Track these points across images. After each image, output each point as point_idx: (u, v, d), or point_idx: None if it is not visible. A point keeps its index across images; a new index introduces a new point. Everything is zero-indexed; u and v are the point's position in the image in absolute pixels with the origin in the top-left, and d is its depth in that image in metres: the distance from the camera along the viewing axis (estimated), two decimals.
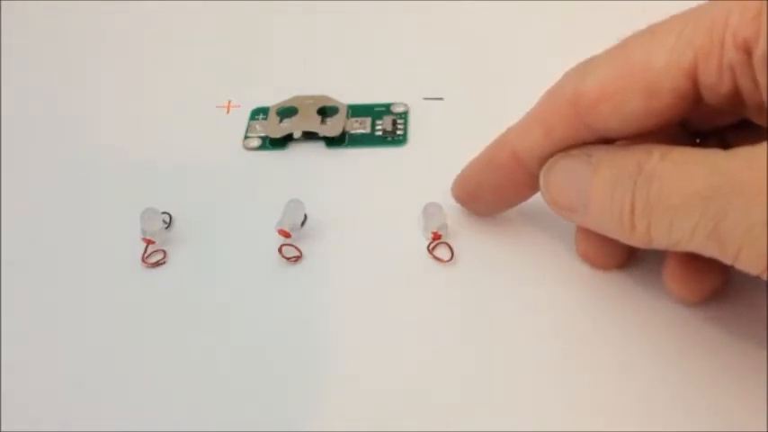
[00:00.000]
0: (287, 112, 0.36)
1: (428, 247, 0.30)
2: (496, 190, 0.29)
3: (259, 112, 0.37)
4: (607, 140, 0.26)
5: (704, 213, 0.22)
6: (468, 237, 0.31)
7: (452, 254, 0.30)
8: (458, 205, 0.31)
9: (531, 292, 0.29)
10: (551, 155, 0.27)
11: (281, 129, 0.35)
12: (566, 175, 0.26)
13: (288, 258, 0.30)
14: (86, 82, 0.39)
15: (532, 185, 0.28)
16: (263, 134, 0.36)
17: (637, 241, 0.25)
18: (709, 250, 0.23)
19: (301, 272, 0.30)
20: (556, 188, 0.27)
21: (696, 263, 0.26)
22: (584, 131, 0.26)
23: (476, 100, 0.36)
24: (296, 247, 0.30)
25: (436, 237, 0.30)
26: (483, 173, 0.29)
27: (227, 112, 0.37)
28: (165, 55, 0.41)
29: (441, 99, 0.37)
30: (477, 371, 0.27)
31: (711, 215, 0.22)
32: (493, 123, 0.29)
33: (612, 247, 0.28)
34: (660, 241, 0.24)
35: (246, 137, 0.36)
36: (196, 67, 0.40)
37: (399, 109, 0.36)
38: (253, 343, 0.28)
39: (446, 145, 0.34)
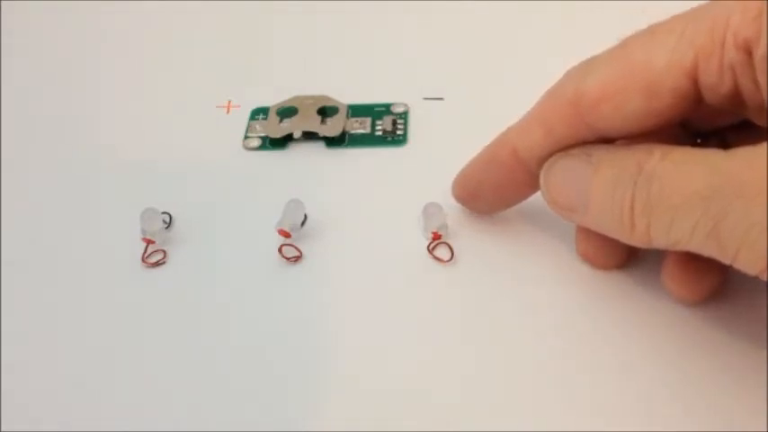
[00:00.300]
0: (287, 112, 0.36)
1: (428, 247, 0.30)
2: (497, 189, 0.29)
3: (259, 112, 0.37)
4: (607, 140, 0.26)
5: (704, 213, 0.22)
6: (468, 237, 0.31)
7: (452, 254, 0.30)
8: (458, 205, 0.31)
9: (531, 292, 0.29)
10: (551, 154, 0.27)
11: (281, 129, 0.35)
12: (566, 174, 0.26)
13: (288, 258, 0.30)
14: (86, 82, 0.39)
15: (532, 185, 0.28)
16: (263, 134, 0.36)
17: (636, 241, 0.25)
18: (708, 250, 0.23)
19: (301, 272, 0.30)
20: (556, 188, 0.27)
21: (695, 263, 0.26)
22: (585, 131, 0.26)
23: (476, 100, 0.36)
24: (296, 247, 0.30)
25: (436, 237, 0.30)
26: (483, 172, 0.29)
27: (227, 112, 0.37)
28: (165, 55, 0.41)
29: (441, 99, 0.37)
30: (477, 371, 0.27)
31: (711, 215, 0.22)
32: (493, 123, 0.29)
33: (612, 247, 0.28)
34: (660, 241, 0.24)
35: (246, 137, 0.36)
36: (196, 67, 0.40)
37: (399, 109, 0.36)
38: (253, 343, 0.28)
39: (446, 145, 0.34)
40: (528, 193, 0.29)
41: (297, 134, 0.35)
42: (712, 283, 0.27)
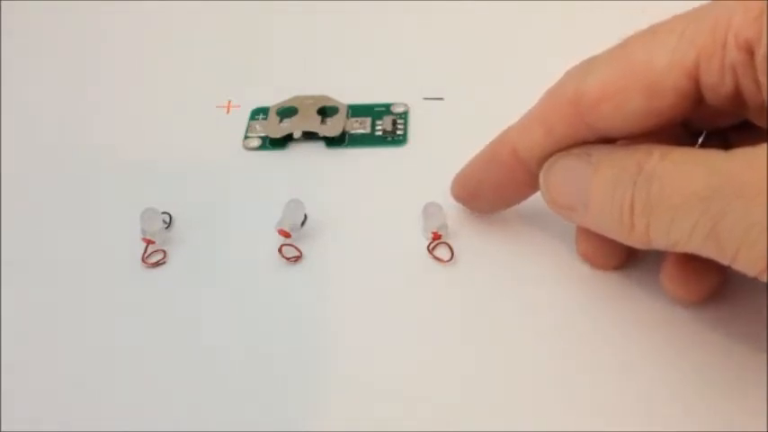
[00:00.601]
0: (287, 112, 0.36)
1: (428, 247, 0.30)
2: (496, 188, 0.29)
3: (259, 112, 0.37)
4: (607, 140, 0.26)
5: (704, 214, 0.22)
6: (468, 237, 0.31)
7: (452, 254, 0.30)
8: (458, 205, 0.31)
9: (531, 292, 0.29)
10: (551, 154, 0.27)
11: (281, 129, 0.35)
12: (566, 174, 0.26)
13: (288, 258, 0.30)
14: (86, 82, 0.39)
15: (532, 184, 0.28)
16: (263, 134, 0.36)
17: (636, 241, 0.25)
18: (707, 251, 0.23)
19: (301, 272, 0.30)
20: (556, 187, 0.27)
21: (694, 264, 0.26)
22: (585, 131, 0.26)
23: (476, 100, 0.36)
24: (296, 247, 0.30)
25: (436, 237, 0.30)
26: (483, 171, 0.29)
27: (227, 112, 0.37)
28: (165, 55, 0.41)
29: (441, 99, 0.37)
30: (477, 371, 0.27)
31: (711, 215, 0.22)
32: (493, 123, 0.29)
33: (612, 247, 0.28)
34: (659, 241, 0.24)
35: (246, 137, 0.36)
36: (196, 67, 0.40)
37: (399, 109, 0.36)
38: (253, 343, 0.28)
39: (446, 145, 0.34)
40: (528, 192, 0.29)
41: (297, 134, 0.35)
42: (711, 285, 0.27)
